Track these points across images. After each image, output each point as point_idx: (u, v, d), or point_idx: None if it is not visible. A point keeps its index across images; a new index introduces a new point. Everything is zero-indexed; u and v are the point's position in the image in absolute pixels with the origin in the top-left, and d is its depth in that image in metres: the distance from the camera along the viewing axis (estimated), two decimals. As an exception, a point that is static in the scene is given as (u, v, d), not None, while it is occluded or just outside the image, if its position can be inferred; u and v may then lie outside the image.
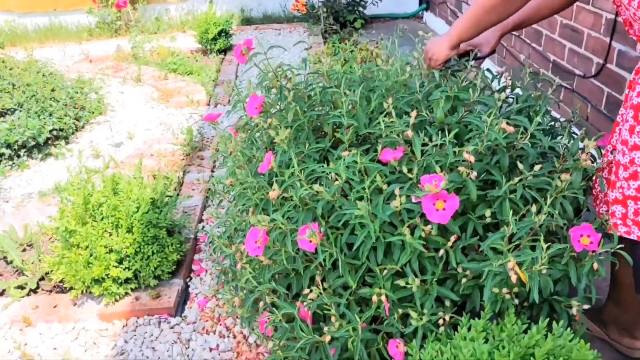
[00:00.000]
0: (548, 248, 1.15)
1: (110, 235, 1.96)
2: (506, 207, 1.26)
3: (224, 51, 4.94)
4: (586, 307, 1.28)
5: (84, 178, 2.09)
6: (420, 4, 5.79)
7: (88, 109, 3.63)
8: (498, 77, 1.71)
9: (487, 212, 1.28)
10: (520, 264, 1.17)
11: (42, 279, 2.14)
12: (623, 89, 2.35)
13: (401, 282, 1.28)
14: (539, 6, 1.51)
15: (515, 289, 1.21)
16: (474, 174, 1.29)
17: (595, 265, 1.22)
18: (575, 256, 1.26)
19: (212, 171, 2.92)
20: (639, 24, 1.16)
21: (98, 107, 3.72)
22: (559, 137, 1.60)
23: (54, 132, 3.26)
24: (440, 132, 1.46)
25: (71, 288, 2.01)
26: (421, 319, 1.27)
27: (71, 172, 2.22)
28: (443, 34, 1.56)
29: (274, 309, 1.46)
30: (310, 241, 1.32)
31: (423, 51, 1.61)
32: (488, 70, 1.70)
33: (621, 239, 1.30)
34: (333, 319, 1.33)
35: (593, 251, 1.23)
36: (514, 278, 1.14)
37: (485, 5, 1.32)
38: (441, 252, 1.31)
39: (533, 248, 1.23)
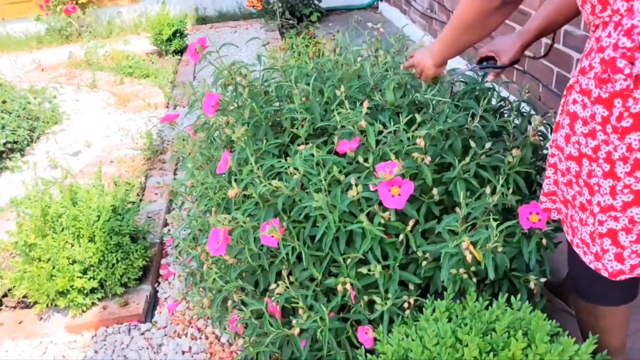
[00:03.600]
0: (499, 225, 1.19)
1: (72, 246, 1.92)
2: (458, 188, 1.30)
3: (180, 52, 4.88)
4: (543, 280, 1.33)
5: (40, 190, 2.04)
6: (374, -6, 5.83)
7: (42, 119, 3.53)
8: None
9: (434, 191, 1.31)
10: (474, 243, 1.20)
11: (4, 295, 2.09)
12: (571, 67, 2.43)
13: (364, 270, 1.30)
14: (558, 9, 1.38)
15: (473, 268, 1.24)
16: (427, 159, 1.32)
17: (544, 241, 1.26)
18: (527, 233, 1.30)
19: (175, 174, 2.90)
20: None
21: (53, 117, 3.63)
22: (508, 117, 1.65)
23: (8, 145, 3.17)
24: (395, 115, 1.49)
25: (36, 302, 1.96)
26: (386, 303, 1.30)
27: (27, 185, 2.16)
28: (428, 45, 1.45)
29: (242, 306, 1.47)
30: (272, 236, 1.33)
31: (414, 63, 1.46)
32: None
33: None
34: (301, 311, 1.35)
35: (540, 229, 1.27)
36: (469, 257, 1.17)
37: (460, 28, 1.24)
38: (401, 237, 1.33)
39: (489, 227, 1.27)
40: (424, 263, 1.32)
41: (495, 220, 1.19)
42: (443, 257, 1.24)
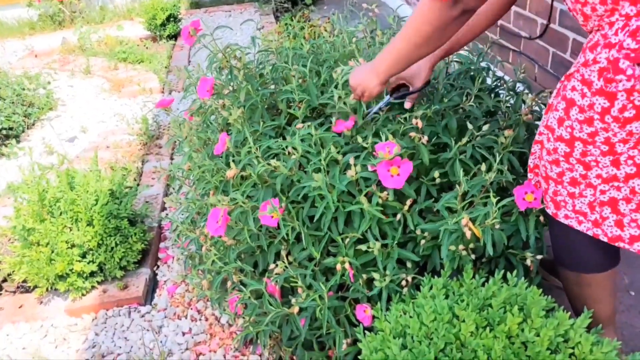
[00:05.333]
0: (498, 202, 1.20)
1: (70, 230, 1.93)
2: (457, 168, 1.31)
3: (174, 37, 4.84)
4: (539, 257, 1.34)
5: (37, 175, 2.04)
6: (369, -24, 5.78)
7: (37, 105, 3.52)
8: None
9: (436, 174, 1.32)
10: (473, 220, 1.21)
11: (4, 280, 2.10)
12: (567, 48, 2.43)
13: (362, 247, 1.31)
14: (463, 32, 1.37)
15: (471, 245, 1.26)
16: (424, 138, 1.33)
17: (542, 219, 1.27)
18: (523, 212, 1.31)
19: (171, 158, 2.89)
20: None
21: (48, 103, 3.61)
22: (504, 96, 1.65)
23: (4, 132, 3.16)
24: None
25: (35, 287, 1.97)
26: (384, 280, 1.31)
27: (23, 170, 2.16)
28: (368, 63, 1.34)
29: (242, 287, 1.48)
30: (272, 217, 1.34)
31: (351, 85, 1.37)
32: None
33: None
34: (300, 290, 1.36)
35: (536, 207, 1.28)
36: (468, 234, 1.18)
37: (416, 39, 1.15)
38: (398, 216, 1.34)
39: (486, 205, 1.28)
40: (422, 241, 1.33)
41: (493, 197, 1.20)
42: (442, 234, 1.26)
